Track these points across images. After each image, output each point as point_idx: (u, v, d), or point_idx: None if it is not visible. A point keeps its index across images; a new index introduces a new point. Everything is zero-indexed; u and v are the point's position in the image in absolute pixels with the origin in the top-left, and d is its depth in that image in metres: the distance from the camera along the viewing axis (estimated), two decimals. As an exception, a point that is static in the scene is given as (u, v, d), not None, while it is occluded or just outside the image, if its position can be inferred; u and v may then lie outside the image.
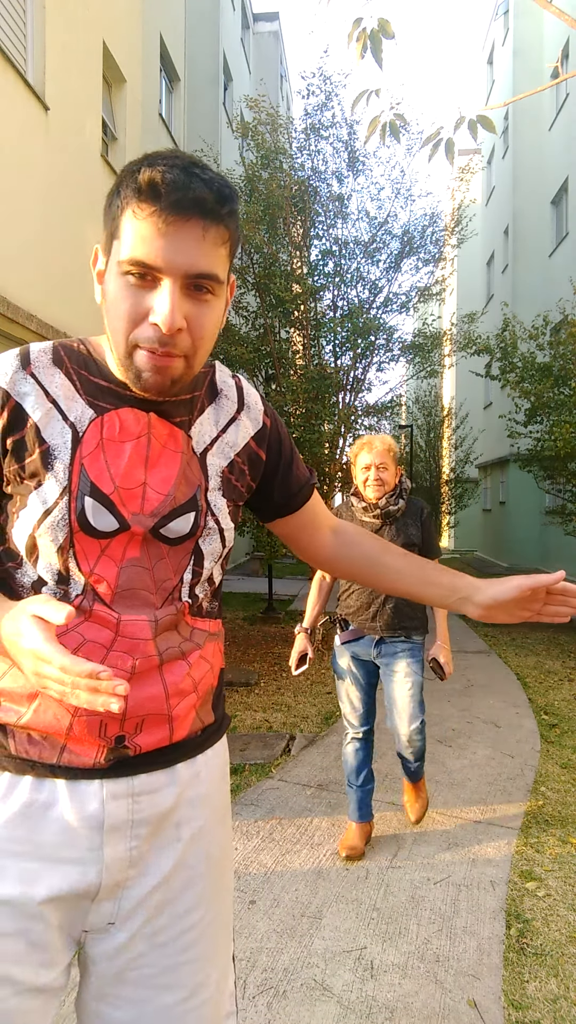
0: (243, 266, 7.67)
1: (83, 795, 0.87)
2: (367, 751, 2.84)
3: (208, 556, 0.96)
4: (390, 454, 2.75)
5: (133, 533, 0.88)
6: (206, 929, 0.96)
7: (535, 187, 16.75)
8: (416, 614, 2.76)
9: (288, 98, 22.87)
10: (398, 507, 2.74)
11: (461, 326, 8.67)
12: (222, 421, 0.99)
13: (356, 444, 2.83)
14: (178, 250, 0.79)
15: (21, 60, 5.22)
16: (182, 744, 0.95)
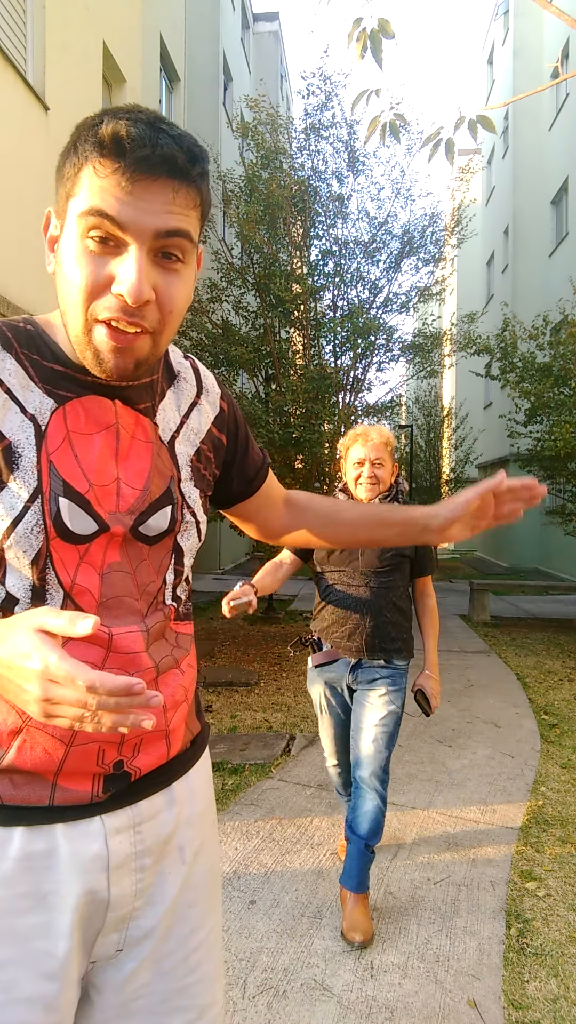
0: (243, 266, 7.67)
1: (83, 837, 0.79)
2: (344, 777, 2.59)
3: (187, 553, 0.91)
4: (387, 448, 2.35)
5: (112, 534, 0.80)
6: (210, 947, 0.93)
7: (535, 187, 16.76)
8: (400, 634, 2.34)
9: (288, 98, 22.87)
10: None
11: (461, 326, 8.66)
12: (184, 406, 0.92)
13: (348, 435, 2.40)
14: (145, 210, 0.70)
15: (21, 60, 5.22)
16: (177, 759, 0.91)
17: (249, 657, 6.62)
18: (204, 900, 0.93)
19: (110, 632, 0.80)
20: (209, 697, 5.30)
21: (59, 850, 0.78)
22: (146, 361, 0.77)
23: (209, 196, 0.79)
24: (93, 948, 0.83)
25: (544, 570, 15.75)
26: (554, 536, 13.99)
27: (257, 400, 7.34)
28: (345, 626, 2.33)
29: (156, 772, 0.87)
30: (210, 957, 0.92)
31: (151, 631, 0.84)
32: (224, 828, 3.08)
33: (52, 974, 0.77)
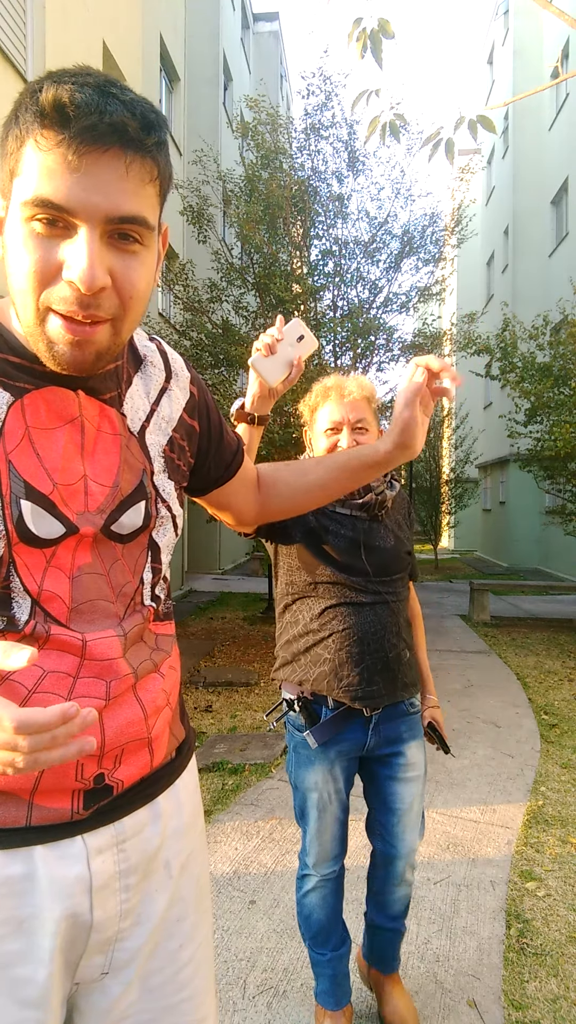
0: (243, 266, 7.67)
1: (64, 859, 0.74)
2: (339, 894, 1.79)
3: (164, 549, 0.86)
4: (370, 406, 1.69)
5: (82, 536, 0.75)
6: (200, 961, 0.89)
7: (535, 187, 16.76)
8: (414, 660, 1.78)
9: (288, 98, 22.87)
10: (392, 493, 1.72)
11: (461, 326, 8.66)
12: (153, 393, 0.86)
13: (314, 391, 1.74)
14: (95, 188, 0.63)
15: (21, 60, 5.22)
16: (161, 769, 0.86)
17: (249, 657, 6.62)
18: (193, 913, 0.89)
19: (83, 638, 0.74)
20: (209, 697, 5.30)
21: (38, 873, 0.73)
22: (107, 352, 0.71)
23: (168, 168, 0.72)
24: (77, 970, 0.79)
25: (544, 570, 15.75)
26: (554, 536, 13.99)
27: (257, 400, 7.34)
28: (362, 664, 1.61)
29: (140, 784, 0.82)
30: (200, 971, 0.88)
31: (129, 635, 0.79)
32: (224, 828, 3.08)
33: (33, 1002, 0.72)
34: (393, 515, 1.75)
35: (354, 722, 1.65)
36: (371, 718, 1.66)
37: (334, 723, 1.64)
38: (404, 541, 1.74)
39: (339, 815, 1.73)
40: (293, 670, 1.68)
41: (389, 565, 1.68)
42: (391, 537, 1.71)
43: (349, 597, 1.64)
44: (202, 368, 7.41)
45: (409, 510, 1.84)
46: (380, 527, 1.70)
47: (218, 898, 2.51)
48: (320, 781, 1.68)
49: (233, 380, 7.58)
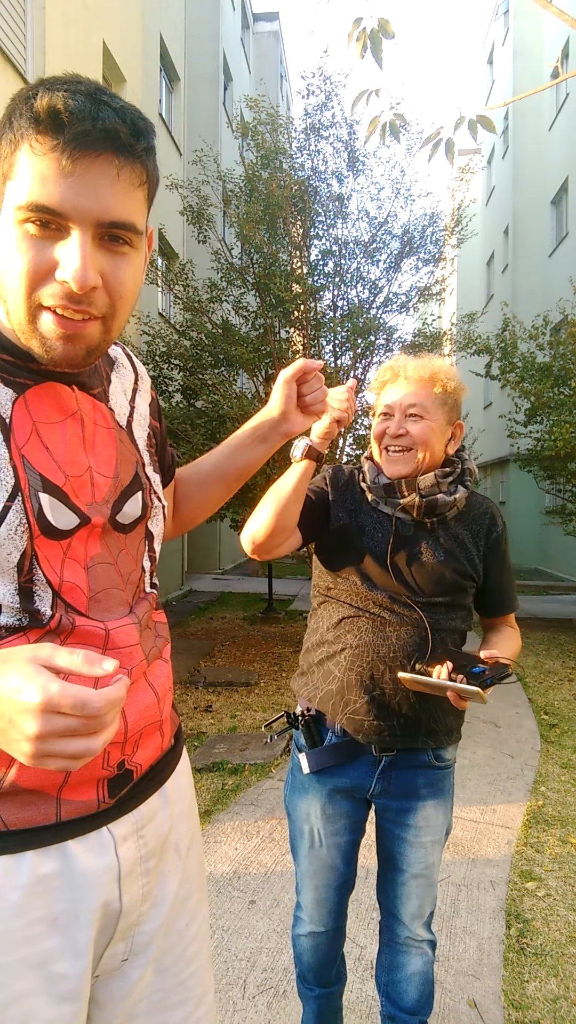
0: (243, 266, 7.66)
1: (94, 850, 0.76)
2: (336, 944, 1.56)
3: (157, 538, 0.90)
4: (434, 392, 1.42)
5: (93, 526, 0.77)
6: (203, 937, 0.94)
7: (535, 187, 16.76)
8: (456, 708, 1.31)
9: (288, 98, 22.86)
10: (452, 499, 1.43)
11: (461, 326, 8.65)
12: (128, 390, 0.90)
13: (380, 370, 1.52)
14: (87, 193, 0.65)
15: (21, 60, 5.22)
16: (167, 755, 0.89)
17: (249, 657, 6.62)
18: (197, 891, 0.94)
19: (106, 627, 0.77)
20: (209, 697, 5.30)
21: (71, 868, 0.74)
22: (98, 348, 0.74)
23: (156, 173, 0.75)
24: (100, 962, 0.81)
25: (544, 570, 15.75)
26: (554, 536, 13.99)
27: (257, 400, 7.34)
28: (371, 692, 1.38)
29: (152, 769, 0.86)
30: (203, 946, 0.94)
31: (141, 621, 0.83)
32: (224, 828, 3.08)
33: (70, 995, 0.74)
34: (456, 528, 1.46)
35: (361, 758, 1.42)
36: (381, 759, 1.41)
37: (335, 752, 1.42)
38: (461, 562, 1.43)
39: (338, 864, 1.46)
40: (306, 682, 1.49)
41: (428, 583, 1.41)
42: (440, 552, 1.42)
43: (370, 609, 1.42)
44: (202, 368, 7.41)
45: (491, 530, 1.49)
46: (428, 537, 1.44)
47: (218, 898, 2.51)
48: (312, 815, 1.46)
49: (233, 380, 7.58)
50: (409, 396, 1.41)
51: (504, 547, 1.51)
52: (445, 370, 1.44)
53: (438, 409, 1.42)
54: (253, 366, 7.29)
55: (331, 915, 1.51)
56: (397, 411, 1.43)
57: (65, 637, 0.73)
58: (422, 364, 1.44)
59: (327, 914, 1.51)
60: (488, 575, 1.48)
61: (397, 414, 1.43)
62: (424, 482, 1.41)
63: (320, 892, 1.49)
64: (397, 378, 1.45)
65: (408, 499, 1.41)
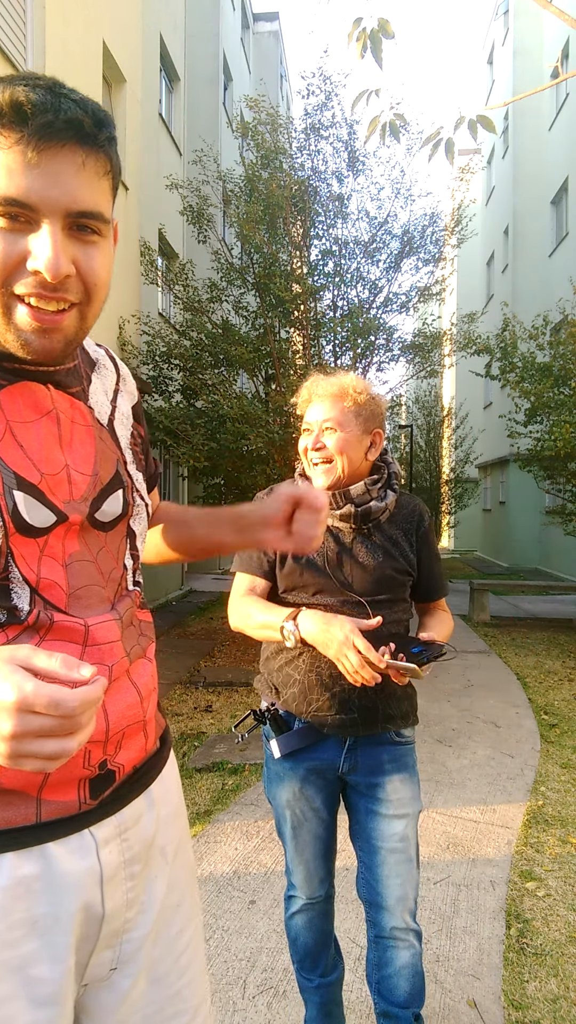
0: (243, 266, 7.67)
1: (75, 852, 0.75)
2: (327, 918, 1.68)
3: (139, 536, 0.89)
4: (345, 405, 1.53)
5: (71, 524, 0.77)
6: (196, 945, 0.93)
7: (535, 187, 16.76)
8: (407, 690, 1.59)
9: (288, 98, 22.86)
10: (384, 504, 1.56)
11: (461, 326, 8.65)
12: (109, 391, 0.90)
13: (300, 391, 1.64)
14: (55, 183, 0.66)
15: (21, 60, 5.22)
16: (152, 757, 0.88)
17: (249, 657, 6.62)
18: (187, 898, 0.92)
19: (86, 623, 0.76)
20: (209, 697, 5.30)
21: (51, 870, 0.73)
22: (74, 339, 0.74)
23: (119, 162, 0.75)
24: (86, 970, 0.79)
25: (544, 570, 15.75)
26: (554, 536, 13.99)
27: (257, 400, 7.34)
28: (332, 689, 1.50)
29: (136, 772, 0.84)
30: (197, 955, 0.92)
31: (123, 618, 0.82)
32: (224, 828, 3.08)
33: (48, 1000, 0.73)
34: (389, 530, 1.58)
35: (328, 740, 1.55)
36: (346, 739, 1.54)
37: (303, 735, 1.54)
38: (397, 559, 1.56)
39: (319, 833, 1.60)
40: (269, 687, 1.62)
41: (370, 584, 1.53)
42: (379, 554, 1.55)
43: None
44: (202, 368, 7.41)
45: (420, 524, 1.62)
46: (366, 541, 1.56)
47: (218, 898, 2.51)
48: (291, 798, 1.59)
49: (234, 380, 7.58)
50: (322, 412, 1.54)
51: (431, 538, 1.65)
52: (354, 385, 1.55)
53: (351, 421, 1.53)
54: (253, 366, 7.30)
55: (322, 883, 1.64)
56: (315, 427, 1.55)
57: (44, 633, 0.73)
58: (332, 381, 1.56)
59: (318, 883, 1.64)
60: (420, 566, 1.61)
61: (315, 429, 1.55)
62: (355, 491, 1.54)
63: (309, 865, 1.62)
64: (312, 397, 1.57)
65: (344, 509, 1.53)
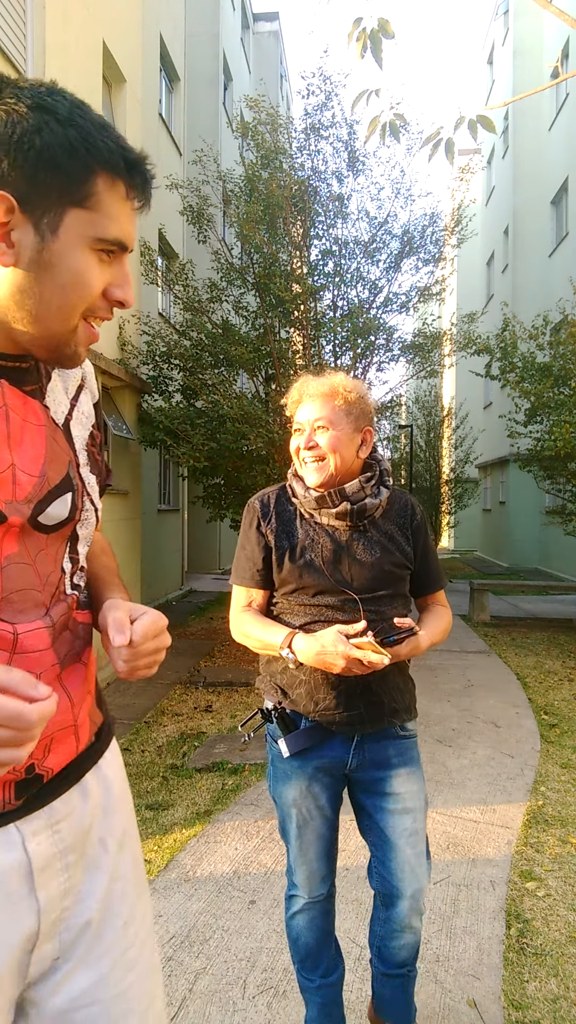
0: (243, 266, 7.66)
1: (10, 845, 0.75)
2: (328, 917, 1.69)
3: (83, 540, 0.87)
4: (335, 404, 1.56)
5: (10, 525, 0.75)
6: (144, 939, 0.91)
7: (535, 187, 16.76)
8: (408, 684, 1.66)
9: (288, 98, 22.86)
10: (378, 501, 1.59)
11: (461, 326, 8.64)
12: (71, 389, 0.89)
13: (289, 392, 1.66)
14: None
15: (21, 60, 5.22)
16: (85, 752, 0.88)
17: (249, 657, 6.62)
18: (133, 890, 0.91)
19: (15, 631, 0.74)
20: (209, 697, 5.30)
21: None
22: None
23: None
24: (29, 968, 0.79)
25: (544, 570, 15.75)
26: (554, 536, 13.99)
27: (257, 400, 7.34)
28: (338, 688, 1.52)
29: (66, 770, 0.84)
30: (145, 950, 0.91)
31: (56, 624, 0.81)
32: (224, 828, 3.08)
33: None
34: (384, 525, 1.61)
35: (335, 737, 1.56)
36: (353, 736, 1.56)
37: (311, 734, 1.55)
38: (395, 554, 1.58)
39: (323, 832, 1.61)
40: (274, 688, 1.61)
41: (370, 581, 1.55)
42: (376, 549, 1.57)
43: (325, 614, 1.54)
44: (202, 368, 7.40)
45: (413, 518, 1.65)
46: (363, 538, 1.58)
47: (218, 898, 2.51)
48: (298, 797, 1.59)
49: (233, 380, 7.58)
50: (314, 411, 1.57)
51: (425, 531, 1.67)
52: (345, 384, 1.58)
53: (342, 419, 1.56)
54: (253, 366, 7.29)
55: (324, 882, 1.65)
56: (307, 426, 1.58)
57: None
58: (322, 381, 1.59)
59: (320, 882, 1.64)
60: (416, 560, 1.63)
61: (307, 429, 1.58)
62: (350, 488, 1.56)
63: (312, 864, 1.63)
64: (303, 397, 1.60)
65: (340, 507, 1.56)
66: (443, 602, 1.73)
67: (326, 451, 1.54)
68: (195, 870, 2.71)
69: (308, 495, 1.58)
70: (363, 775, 1.59)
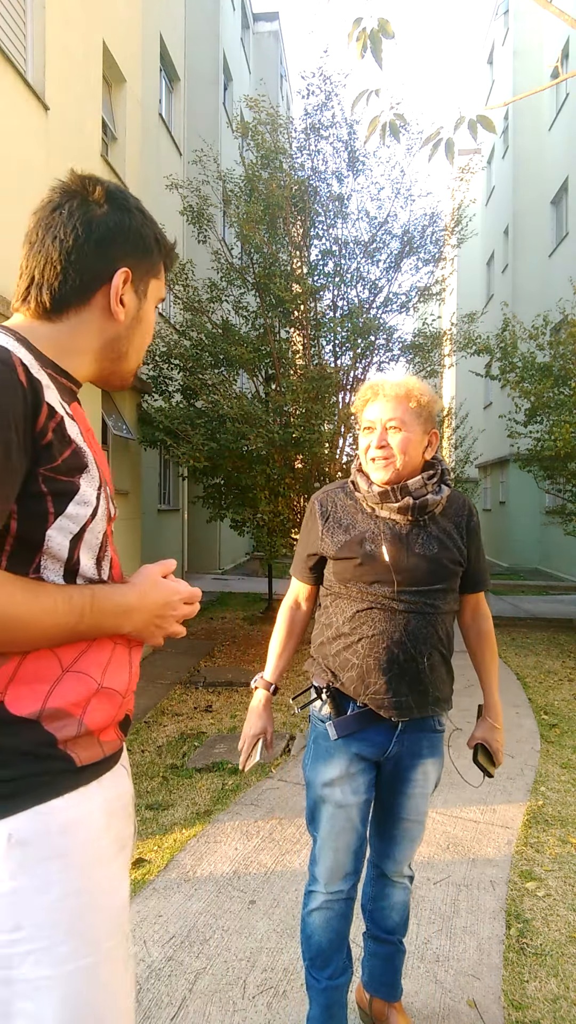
0: (243, 266, 7.66)
1: (123, 778, 0.97)
2: (346, 919, 1.69)
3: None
4: (411, 406, 1.61)
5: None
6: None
7: (535, 187, 16.75)
8: (450, 678, 1.81)
9: (288, 98, 22.85)
10: (439, 498, 1.65)
11: (461, 326, 8.64)
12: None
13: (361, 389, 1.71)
14: None
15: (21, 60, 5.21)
16: None
17: (249, 657, 6.62)
18: None
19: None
20: (209, 697, 5.30)
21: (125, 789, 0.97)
22: None
23: None
24: None
25: (544, 570, 15.74)
26: (554, 536, 13.98)
27: (257, 400, 7.34)
28: (389, 673, 1.59)
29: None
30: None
31: None
32: (224, 828, 3.08)
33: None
34: (442, 522, 1.68)
35: (381, 724, 1.63)
36: (398, 724, 1.64)
37: (359, 719, 1.61)
38: (451, 550, 1.65)
39: (357, 824, 1.64)
40: (325, 670, 1.68)
41: (427, 574, 1.62)
42: (434, 545, 1.64)
43: (381, 602, 1.62)
44: (202, 368, 7.40)
45: (469, 519, 1.73)
46: (423, 533, 1.65)
47: (218, 898, 2.51)
48: (336, 779, 1.62)
49: (233, 380, 7.58)
50: (388, 411, 1.62)
51: (479, 532, 1.75)
52: (419, 387, 1.64)
53: (414, 421, 1.62)
54: (253, 366, 7.30)
55: (346, 879, 1.66)
56: (379, 425, 1.63)
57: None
58: (398, 383, 1.64)
59: (343, 877, 1.65)
60: (468, 558, 1.71)
61: (379, 427, 1.63)
62: (413, 485, 1.62)
63: (339, 855, 1.64)
64: (377, 396, 1.65)
65: (403, 502, 1.62)
66: (485, 608, 1.86)
67: (396, 452, 1.61)
68: (195, 870, 2.71)
69: (372, 490, 1.64)
70: (401, 762, 1.67)
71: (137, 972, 2.10)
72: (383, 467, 1.62)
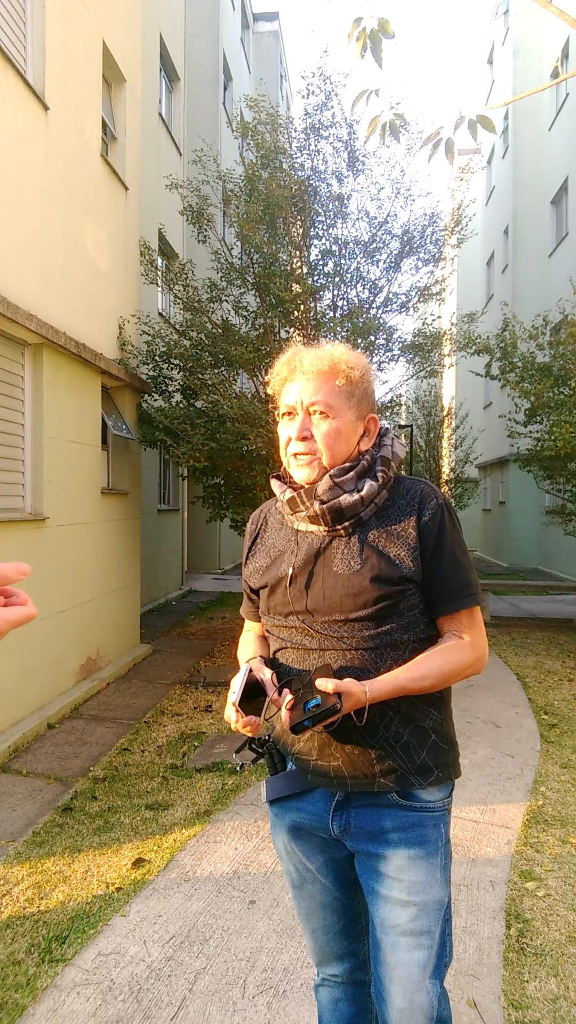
0: (243, 266, 7.66)
1: None
2: (356, 1004, 1.38)
3: None
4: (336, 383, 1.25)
5: None
6: None
7: (535, 187, 16.76)
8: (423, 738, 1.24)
9: (288, 98, 22.85)
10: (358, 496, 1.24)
11: (461, 326, 8.63)
12: None
13: (276, 364, 1.32)
14: None
15: (21, 60, 5.21)
16: None
17: (249, 657, 6.62)
18: None
19: None
20: (209, 697, 5.30)
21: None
22: None
23: None
24: None
25: (544, 570, 15.74)
26: (554, 536, 13.98)
27: (257, 400, 7.34)
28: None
29: None
30: None
31: None
32: (224, 828, 3.08)
33: None
34: (378, 526, 1.25)
35: (316, 791, 1.27)
36: (335, 794, 1.25)
37: (290, 780, 1.27)
38: (389, 561, 1.21)
39: (325, 901, 1.31)
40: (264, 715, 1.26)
41: (345, 598, 1.21)
42: (357, 560, 1.22)
43: (293, 639, 1.27)
44: (202, 368, 7.40)
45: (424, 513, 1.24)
46: (343, 546, 1.24)
47: (218, 898, 2.51)
48: (283, 851, 1.34)
49: (233, 380, 7.57)
50: (309, 392, 1.24)
51: (441, 528, 1.24)
52: (348, 358, 1.26)
53: (344, 404, 1.25)
54: (253, 366, 7.29)
55: (340, 961, 1.35)
56: (300, 410, 1.26)
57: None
58: (320, 355, 1.26)
59: (334, 960, 1.35)
60: (426, 569, 1.23)
61: (300, 413, 1.26)
62: (320, 487, 1.24)
63: (319, 937, 1.35)
64: (294, 373, 1.27)
65: (310, 509, 1.25)
66: (467, 627, 1.26)
67: (321, 445, 1.24)
68: (195, 870, 2.71)
69: (284, 496, 1.29)
70: (353, 844, 1.25)
71: (137, 972, 2.10)
72: (306, 464, 1.25)
